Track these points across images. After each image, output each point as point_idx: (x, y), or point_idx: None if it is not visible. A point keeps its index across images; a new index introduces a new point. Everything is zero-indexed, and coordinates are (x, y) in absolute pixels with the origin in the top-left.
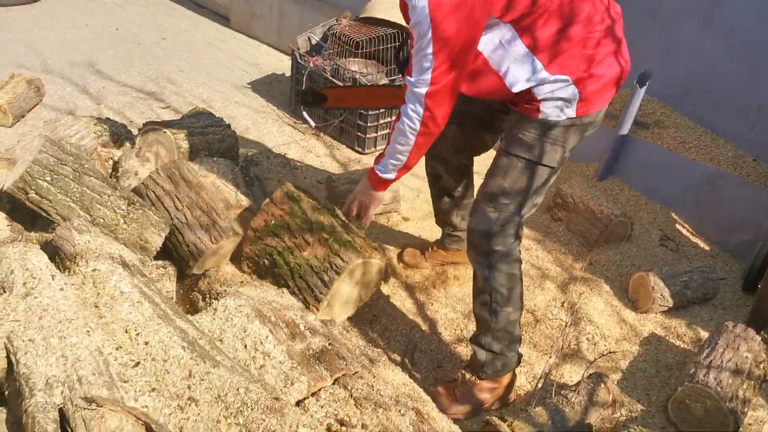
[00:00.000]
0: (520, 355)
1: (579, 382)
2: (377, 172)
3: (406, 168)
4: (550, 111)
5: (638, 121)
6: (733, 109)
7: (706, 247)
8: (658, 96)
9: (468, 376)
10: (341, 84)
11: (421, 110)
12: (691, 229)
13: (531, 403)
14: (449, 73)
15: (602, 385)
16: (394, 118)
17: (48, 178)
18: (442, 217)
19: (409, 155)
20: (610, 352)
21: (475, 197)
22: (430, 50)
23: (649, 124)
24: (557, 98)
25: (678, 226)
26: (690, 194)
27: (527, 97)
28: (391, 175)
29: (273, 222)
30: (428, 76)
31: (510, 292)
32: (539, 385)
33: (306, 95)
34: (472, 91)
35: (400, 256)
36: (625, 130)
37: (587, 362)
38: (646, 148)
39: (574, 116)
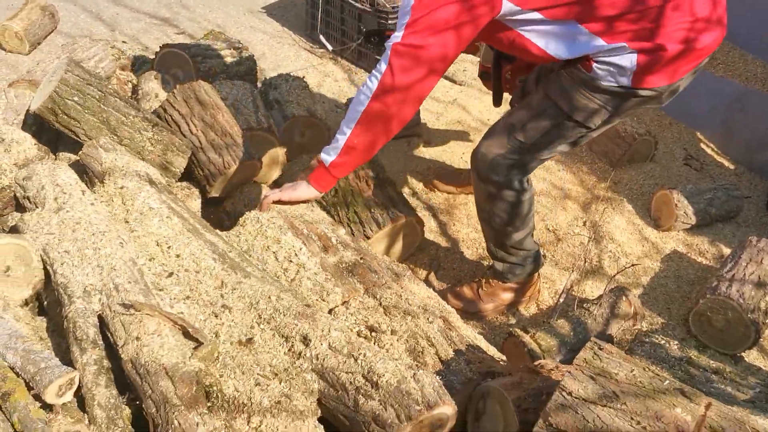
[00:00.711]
0: (541, 259)
1: (601, 296)
2: (320, 154)
3: (348, 151)
4: (602, 73)
5: None
6: (764, 24)
7: (731, 166)
8: None
9: (491, 279)
10: (359, 6)
11: (383, 67)
12: (716, 149)
13: (553, 316)
14: (425, 37)
15: (624, 298)
16: None
17: (76, 99)
18: None
19: (354, 128)
20: (633, 265)
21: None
22: (410, 4)
23: None
24: (612, 64)
25: (703, 146)
26: (717, 113)
27: (582, 57)
28: (330, 157)
29: None
30: (401, 32)
31: (510, 216)
32: (561, 300)
33: (371, 35)
34: (530, 59)
35: (436, 177)
36: None
37: (609, 278)
38: None
39: (629, 86)
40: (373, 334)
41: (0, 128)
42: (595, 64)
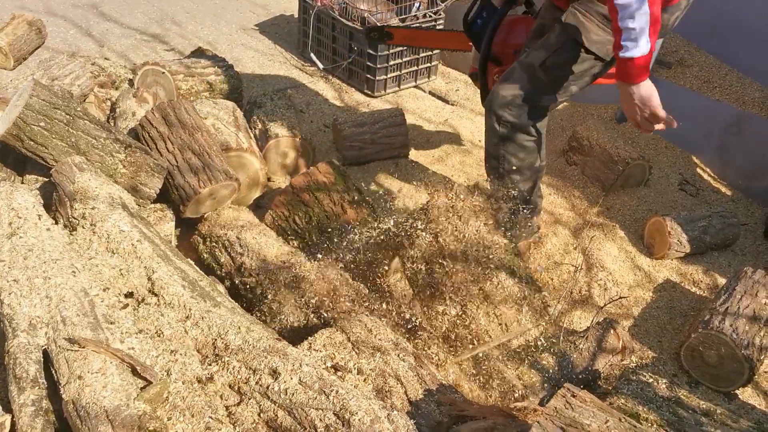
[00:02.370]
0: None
1: (588, 329)
2: (628, 55)
3: (654, 18)
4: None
5: (660, 59)
6: (762, 45)
7: (728, 192)
8: (682, 32)
9: None
10: (350, 24)
11: None
12: (712, 174)
13: (538, 349)
14: None
15: (612, 331)
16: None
17: (42, 124)
18: None
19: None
20: (620, 297)
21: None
22: None
23: (671, 63)
24: None
25: (699, 171)
26: (713, 137)
27: None
28: (644, 46)
29: (314, 185)
30: None
31: (520, 162)
32: (547, 333)
33: (372, 32)
34: None
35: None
36: None
37: (598, 308)
38: (668, 89)
39: None
40: (339, 373)
41: None
42: None
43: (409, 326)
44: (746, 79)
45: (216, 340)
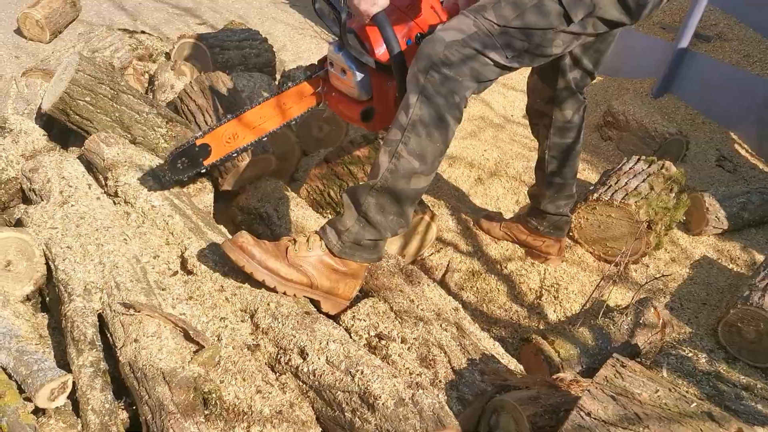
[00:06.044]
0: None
1: (627, 306)
2: None
3: None
4: None
5: (699, 33)
6: None
7: (766, 169)
8: (722, 5)
9: (313, 239)
10: None
11: None
12: (750, 150)
13: (576, 324)
14: None
15: (651, 308)
16: None
17: (88, 99)
18: (534, 189)
19: None
20: (663, 275)
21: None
22: None
23: (710, 36)
24: None
25: (737, 146)
26: (752, 112)
27: None
28: None
29: (348, 158)
30: None
31: (429, 141)
32: (586, 307)
33: (174, 163)
34: None
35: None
36: (685, 43)
37: (637, 287)
38: (707, 63)
39: None
40: (382, 342)
41: (9, 119)
42: None
43: None
44: None
45: (248, 316)
